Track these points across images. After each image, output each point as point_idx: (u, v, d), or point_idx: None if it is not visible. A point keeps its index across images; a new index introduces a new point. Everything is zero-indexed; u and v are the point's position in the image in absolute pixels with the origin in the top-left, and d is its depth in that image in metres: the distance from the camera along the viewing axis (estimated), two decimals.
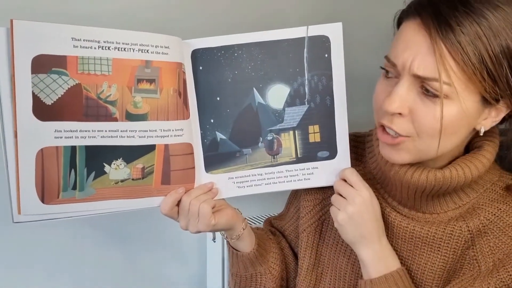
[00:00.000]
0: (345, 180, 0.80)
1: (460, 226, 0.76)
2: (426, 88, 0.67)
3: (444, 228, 0.76)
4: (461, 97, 0.66)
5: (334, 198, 0.80)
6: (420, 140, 0.70)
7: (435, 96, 0.66)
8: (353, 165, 0.84)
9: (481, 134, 0.73)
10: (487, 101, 0.68)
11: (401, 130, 0.70)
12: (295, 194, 0.95)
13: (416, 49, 0.66)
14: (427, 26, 0.65)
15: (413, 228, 0.78)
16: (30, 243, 0.98)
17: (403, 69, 0.68)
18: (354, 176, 0.79)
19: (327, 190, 0.87)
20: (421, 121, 0.68)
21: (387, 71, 0.72)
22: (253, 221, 1.17)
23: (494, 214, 0.75)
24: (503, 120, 0.74)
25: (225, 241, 0.87)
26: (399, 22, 0.73)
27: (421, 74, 0.66)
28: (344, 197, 0.78)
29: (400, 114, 0.69)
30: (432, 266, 0.78)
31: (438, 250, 0.77)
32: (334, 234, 0.87)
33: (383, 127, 0.73)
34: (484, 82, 0.65)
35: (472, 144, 0.78)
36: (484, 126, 0.71)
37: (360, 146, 0.90)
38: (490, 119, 0.71)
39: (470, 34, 0.63)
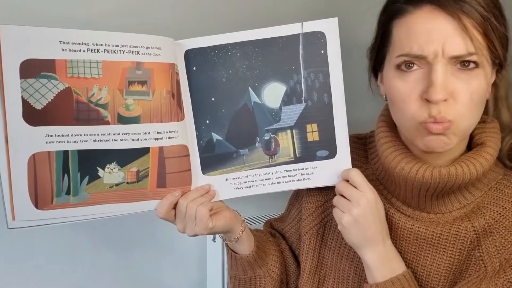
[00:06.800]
0: (347, 181, 0.78)
1: (466, 226, 0.74)
2: (460, 64, 0.69)
3: (450, 229, 0.75)
4: (485, 63, 0.68)
5: (337, 200, 0.78)
6: (462, 119, 0.70)
7: (468, 68, 0.68)
8: (355, 166, 0.81)
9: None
10: (493, 66, 0.72)
11: (448, 114, 0.69)
12: (297, 196, 0.93)
13: (443, 34, 0.67)
14: (445, 8, 0.67)
15: (418, 229, 0.77)
16: (26, 248, 0.98)
17: (436, 57, 0.68)
18: (358, 177, 0.76)
19: (329, 192, 0.85)
20: (461, 98, 0.69)
21: (408, 65, 0.71)
22: (251, 221, 1.15)
23: (500, 213, 0.74)
24: None
25: (225, 245, 0.86)
26: (388, 21, 0.74)
27: (456, 54, 0.67)
28: (348, 199, 0.76)
29: (445, 100, 0.69)
30: (437, 268, 0.76)
31: (444, 251, 0.76)
32: (336, 236, 0.86)
33: (433, 119, 0.70)
34: (495, 43, 0.68)
35: (474, 142, 0.78)
36: (488, 94, 0.74)
37: (362, 147, 0.88)
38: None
39: (475, 4, 0.67)
